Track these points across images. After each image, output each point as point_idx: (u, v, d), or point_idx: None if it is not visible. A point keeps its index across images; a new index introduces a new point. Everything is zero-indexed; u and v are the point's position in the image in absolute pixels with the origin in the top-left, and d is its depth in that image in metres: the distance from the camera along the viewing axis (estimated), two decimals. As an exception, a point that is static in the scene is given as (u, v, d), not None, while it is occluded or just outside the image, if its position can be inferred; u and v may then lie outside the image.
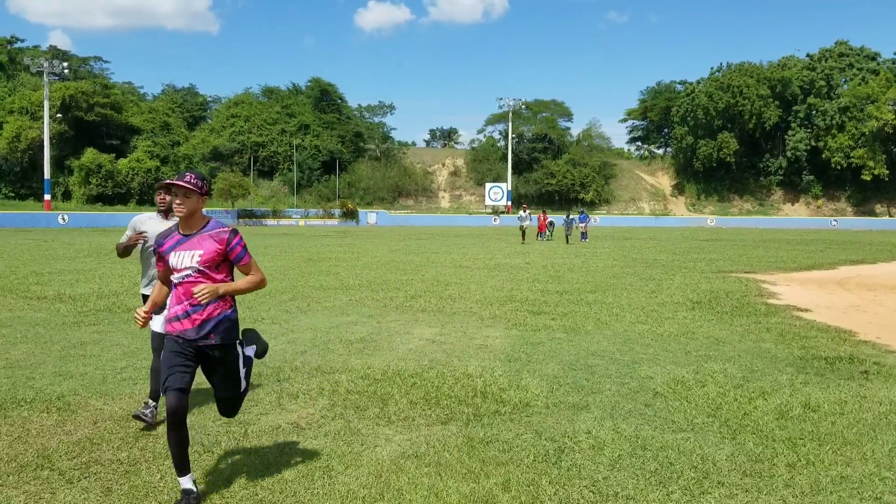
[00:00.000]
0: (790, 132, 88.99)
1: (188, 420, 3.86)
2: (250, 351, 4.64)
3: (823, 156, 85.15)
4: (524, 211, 38.66)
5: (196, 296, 4.11)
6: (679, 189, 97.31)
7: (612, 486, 4.44)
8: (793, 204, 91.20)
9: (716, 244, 35.51)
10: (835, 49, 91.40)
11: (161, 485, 4.39)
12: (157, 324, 5.41)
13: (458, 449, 5.03)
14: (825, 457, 4.96)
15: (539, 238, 39.81)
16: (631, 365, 7.73)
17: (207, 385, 6.62)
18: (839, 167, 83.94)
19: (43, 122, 63.35)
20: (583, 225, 37.92)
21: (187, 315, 4.18)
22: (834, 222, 78.20)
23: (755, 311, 11.93)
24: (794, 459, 4.90)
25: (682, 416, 5.87)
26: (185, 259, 4.17)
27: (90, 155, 68.71)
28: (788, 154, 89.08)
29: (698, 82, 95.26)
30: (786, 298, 13.83)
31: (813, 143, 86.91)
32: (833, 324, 10.73)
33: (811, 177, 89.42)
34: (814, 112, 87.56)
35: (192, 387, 6.49)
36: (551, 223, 42.60)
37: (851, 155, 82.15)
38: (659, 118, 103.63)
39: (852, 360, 8.11)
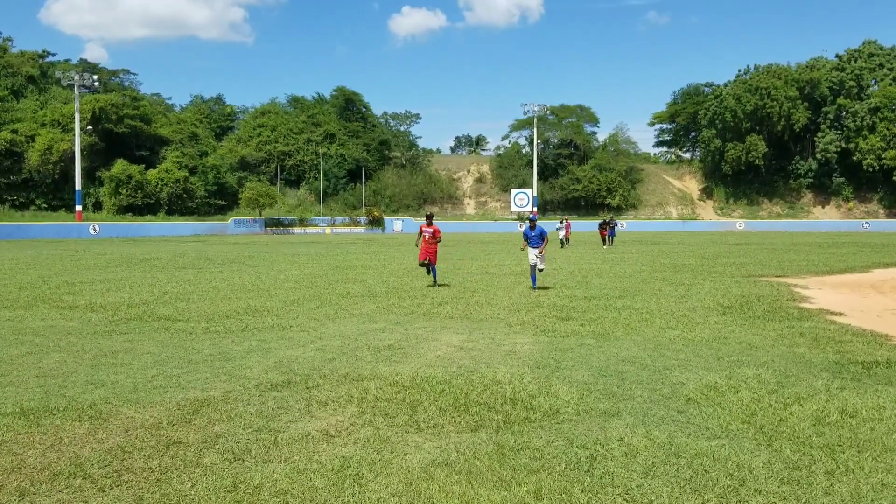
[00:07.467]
0: (820, 134, 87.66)
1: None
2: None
3: (854, 157, 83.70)
4: (561, 222, 39.18)
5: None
6: (707, 193, 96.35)
7: (647, 494, 4.36)
8: (823, 207, 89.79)
9: (745, 248, 35.08)
10: (864, 49, 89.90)
11: (192, 493, 4.40)
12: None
13: (488, 456, 4.98)
14: (865, 464, 4.84)
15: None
16: (662, 371, 7.62)
17: (235, 393, 6.65)
18: (871, 169, 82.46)
19: (74, 135, 64.37)
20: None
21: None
22: (866, 224, 76.94)
23: (788, 315, 11.73)
24: (833, 467, 4.79)
25: (716, 423, 5.77)
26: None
27: (120, 166, 69.79)
28: (818, 156, 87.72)
29: (726, 85, 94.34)
30: (818, 302, 13.59)
31: (843, 145, 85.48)
32: (868, 328, 10.52)
33: (842, 179, 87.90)
34: (844, 113, 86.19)
35: (219, 395, 6.53)
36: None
37: (883, 156, 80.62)
38: (687, 121, 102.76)
39: (889, 364, 7.93)
